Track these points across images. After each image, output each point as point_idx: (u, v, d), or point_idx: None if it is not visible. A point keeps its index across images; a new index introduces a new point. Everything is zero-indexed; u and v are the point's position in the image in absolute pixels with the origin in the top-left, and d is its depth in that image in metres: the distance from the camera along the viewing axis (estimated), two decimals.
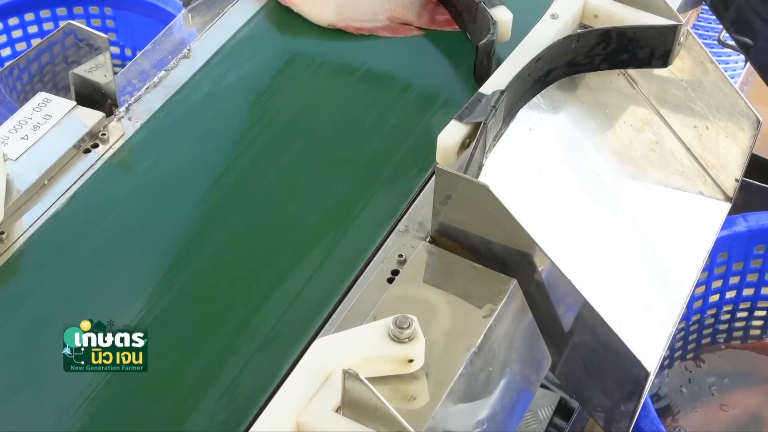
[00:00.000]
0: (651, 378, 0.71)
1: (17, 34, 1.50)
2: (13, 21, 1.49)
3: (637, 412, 0.76)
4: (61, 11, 1.50)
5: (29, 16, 1.50)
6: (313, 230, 0.75)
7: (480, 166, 0.70)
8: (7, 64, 1.49)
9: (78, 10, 1.50)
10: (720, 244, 1.15)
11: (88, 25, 1.51)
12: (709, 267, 1.18)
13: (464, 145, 0.71)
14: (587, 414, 1.09)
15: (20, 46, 1.51)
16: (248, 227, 0.75)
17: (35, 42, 1.49)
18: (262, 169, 0.79)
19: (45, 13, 1.50)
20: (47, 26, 1.51)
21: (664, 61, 0.80)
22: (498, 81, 0.74)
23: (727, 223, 1.15)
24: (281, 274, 0.72)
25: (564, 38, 0.77)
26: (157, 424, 0.63)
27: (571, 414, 1.11)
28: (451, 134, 0.71)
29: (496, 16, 0.84)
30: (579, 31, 0.80)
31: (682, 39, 0.79)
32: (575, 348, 0.74)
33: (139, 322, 0.68)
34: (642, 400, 0.75)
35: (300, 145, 0.81)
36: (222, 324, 0.69)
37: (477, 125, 0.70)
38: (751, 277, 1.22)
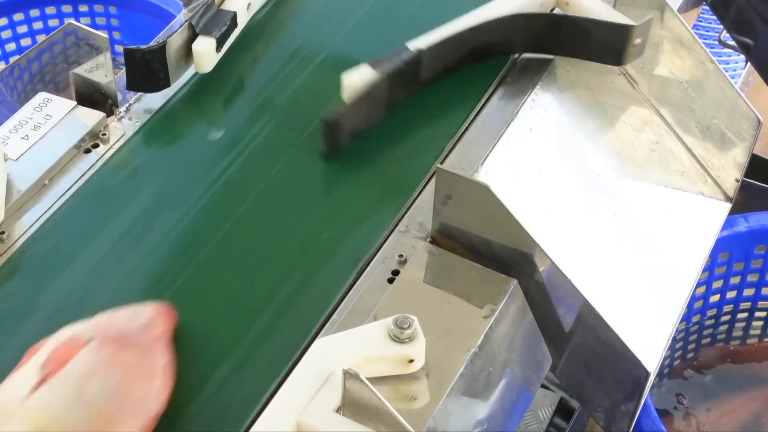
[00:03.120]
0: (651, 378, 0.71)
1: (22, 29, 1.51)
2: (18, 17, 1.50)
3: (638, 412, 0.76)
4: (66, 9, 1.51)
5: (34, 12, 1.50)
6: (313, 230, 0.75)
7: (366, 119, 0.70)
8: (8, 64, 1.49)
9: (83, 8, 1.51)
10: (721, 245, 1.15)
11: (93, 23, 1.52)
12: (710, 267, 1.18)
13: (371, 92, 0.70)
14: (588, 414, 1.09)
15: (25, 42, 1.51)
16: (248, 227, 0.75)
17: (40, 38, 1.49)
18: (262, 168, 0.79)
19: (50, 10, 1.51)
20: (52, 23, 1.51)
21: (616, 59, 0.80)
22: (429, 39, 0.73)
23: (728, 223, 1.14)
24: (281, 273, 0.72)
25: (512, 15, 0.76)
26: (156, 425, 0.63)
27: (571, 414, 1.11)
28: (357, 76, 0.70)
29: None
30: (530, 12, 0.79)
31: (637, 41, 0.78)
32: (576, 348, 0.74)
33: None
34: (642, 400, 0.75)
35: (300, 144, 0.81)
36: (222, 323, 0.69)
37: (387, 75, 0.70)
38: (752, 278, 1.22)
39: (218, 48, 0.83)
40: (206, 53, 0.82)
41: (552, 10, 0.82)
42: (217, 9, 0.84)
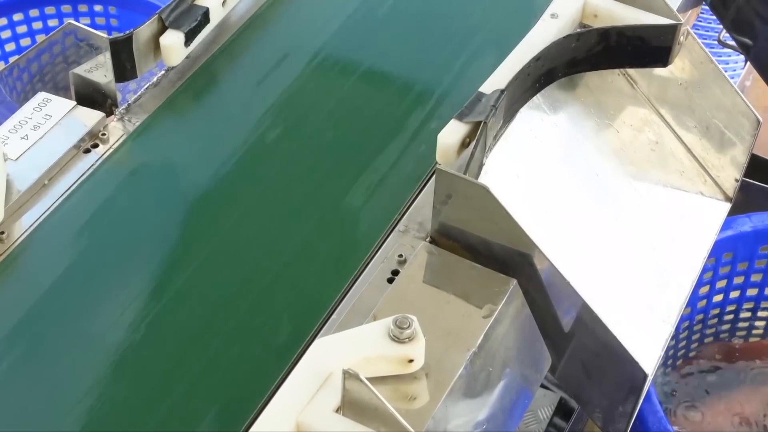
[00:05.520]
0: (649, 379, 0.71)
1: (22, 29, 1.51)
2: (17, 17, 1.50)
3: (635, 413, 0.76)
4: (66, 8, 1.51)
5: (34, 12, 1.50)
6: (313, 230, 0.75)
7: (480, 166, 0.70)
8: (7, 64, 1.49)
9: (83, 8, 1.51)
10: (725, 244, 1.15)
11: (92, 23, 1.52)
12: (714, 266, 1.18)
13: (464, 144, 0.71)
14: (586, 414, 1.09)
15: (25, 42, 1.51)
16: (248, 226, 0.75)
17: (40, 38, 1.49)
18: (262, 168, 0.79)
19: (50, 10, 1.51)
20: (52, 23, 1.51)
21: (663, 60, 0.80)
22: (498, 80, 0.74)
23: (733, 223, 1.15)
24: (281, 273, 0.72)
25: (564, 37, 0.77)
26: (156, 424, 0.63)
27: (571, 414, 1.11)
28: (451, 133, 0.71)
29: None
30: (579, 30, 0.80)
31: (681, 38, 0.79)
32: (574, 349, 0.74)
33: (138, 321, 0.68)
34: (640, 402, 0.75)
35: (300, 144, 0.81)
36: (221, 323, 0.69)
37: (477, 124, 0.70)
38: (755, 277, 1.22)
39: (187, 42, 0.83)
40: (173, 47, 0.83)
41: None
42: (191, 4, 0.84)
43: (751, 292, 1.23)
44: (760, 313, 1.26)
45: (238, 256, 0.73)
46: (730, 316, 1.25)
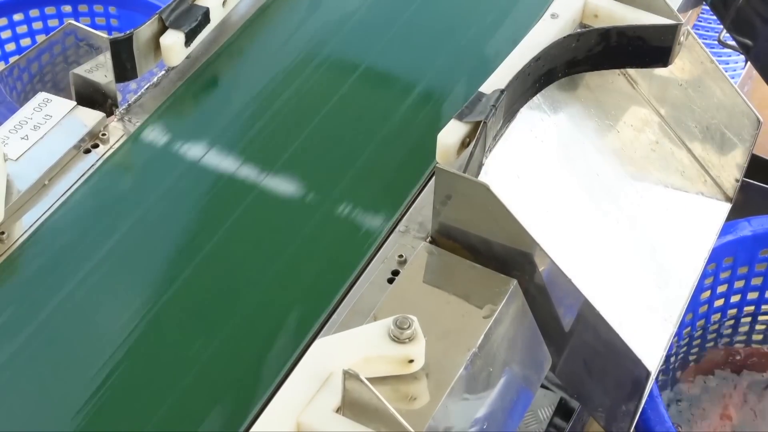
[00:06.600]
0: (652, 378, 0.71)
1: (22, 29, 1.51)
2: (18, 17, 1.50)
3: (638, 412, 0.76)
4: (66, 9, 1.51)
5: (34, 12, 1.51)
6: (314, 230, 0.75)
7: (480, 165, 0.70)
8: (7, 64, 1.49)
9: (83, 8, 1.51)
10: (725, 249, 1.15)
11: (93, 23, 1.52)
12: (715, 272, 1.17)
13: (464, 144, 0.71)
14: (588, 414, 1.09)
15: (25, 42, 1.51)
16: (248, 226, 0.75)
17: (40, 38, 1.49)
18: (263, 168, 0.79)
19: (50, 10, 1.51)
20: (52, 23, 1.51)
21: (664, 60, 0.80)
22: (498, 80, 0.74)
23: (732, 228, 1.15)
24: (281, 273, 0.72)
25: (564, 37, 0.77)
26: (156, 424, 0.63)
27: (571, 414, 1.11)
28: (451, 133, 0.71)
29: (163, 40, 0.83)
30: (579, 30, 0.80)
31: (682, 38, 0.79)
32: (576, 348, 0.74)
33: (138, 321, 0.68)
34: (643, 400, 0.75)
35: (300, 144, 0.81)
36: (222, 323, 0.69)
37: (477, 124, 0.70)
38: (756, 281, 1.22)
39: (187, 43, 0.83)
40: (173, 47, 0.83)
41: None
42: (191, 4, 0.84)
43: (752, 295, 1.23)
44: (761, 317, 1.26)
45: (238, 256, 0.73)
46: (731, 321, 1.25)
